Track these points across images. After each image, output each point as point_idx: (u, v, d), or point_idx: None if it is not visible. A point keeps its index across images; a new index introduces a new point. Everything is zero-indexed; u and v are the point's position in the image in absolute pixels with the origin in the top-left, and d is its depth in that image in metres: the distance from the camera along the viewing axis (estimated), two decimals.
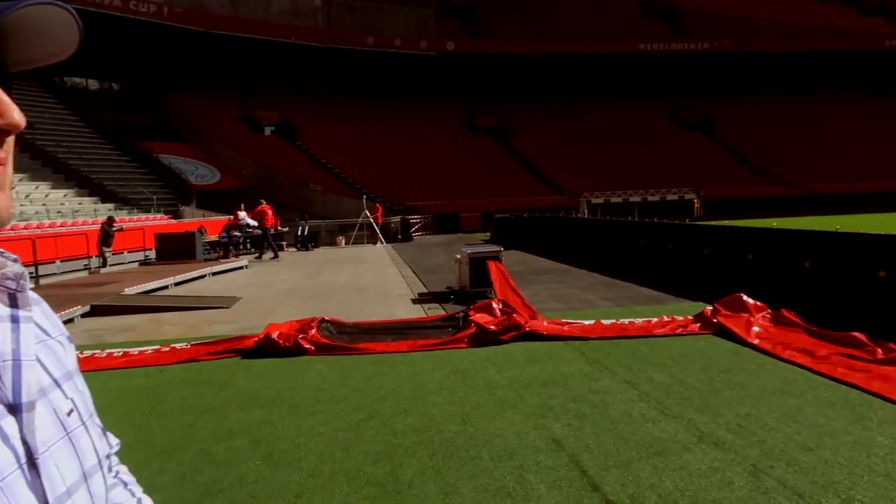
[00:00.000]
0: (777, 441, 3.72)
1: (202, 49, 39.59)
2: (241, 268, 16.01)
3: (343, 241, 25.13)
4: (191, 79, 39.79)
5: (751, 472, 3.32)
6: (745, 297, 6.81)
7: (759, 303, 6.82)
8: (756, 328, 6.26)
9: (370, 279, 13.19)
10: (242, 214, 19.96)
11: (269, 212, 19.12)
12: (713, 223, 11.09)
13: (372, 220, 25.64)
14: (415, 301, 9.75)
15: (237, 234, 19.79)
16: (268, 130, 40.26)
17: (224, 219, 22.75)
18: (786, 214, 28.53)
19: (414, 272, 13.89)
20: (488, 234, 26.48)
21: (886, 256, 6.65)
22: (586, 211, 29.19)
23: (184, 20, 37.83)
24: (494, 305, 7.14)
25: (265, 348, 6.30)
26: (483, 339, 6.41)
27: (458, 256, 9.88)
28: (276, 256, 18.66)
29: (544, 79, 46.86)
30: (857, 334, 5.59)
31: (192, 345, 6.71)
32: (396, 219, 27.77)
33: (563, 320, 7.15)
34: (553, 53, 45.50)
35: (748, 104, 46.20)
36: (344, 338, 6.81)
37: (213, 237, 20.29)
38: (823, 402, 4.37)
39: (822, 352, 5.47)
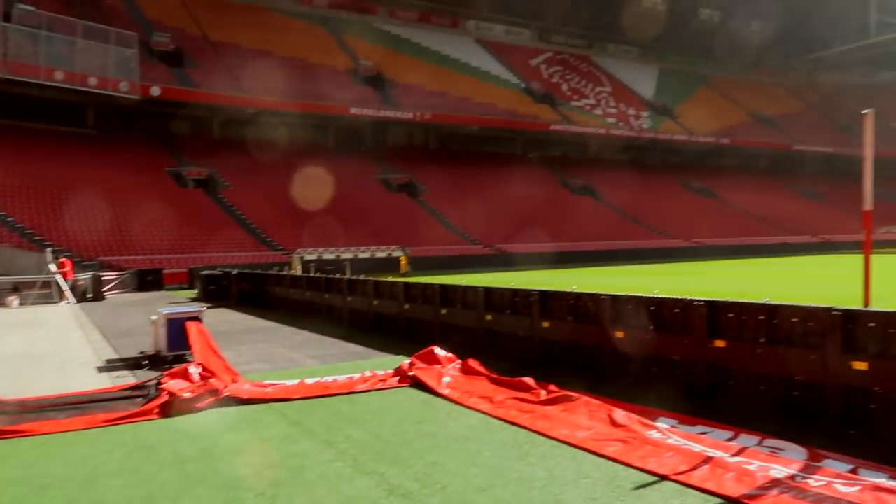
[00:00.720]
0: (457, 486, 4.04)
1: None
2: None
3: (15, 302, 21.53)
4: None
5: None
6: (436, 350, 7.36)
7: (450, 354, 7.42)
8: (447, 378, 6.78)
9: (48, 346, 11.47)
10: None
11: None
12: (414, 280, 11.89)
13: (57, 278, 22.48)
14: (101, 369, 8.70)
15: None
16: None
17: None
18: (480, 270, 31.77)
19: (104, 336, 12.44)
20: (196, 291, 24.93)
21: (549, 311, 7.76)
22: (299, 267, 29.13)
23: None
24: (192, 370, 6.71)
25: None
26: (177, 408, 5.95)
27: (155, 318, 9.12)
28: None
29: (257, 133, 46.28)
30: (526, 379, 6.37)
31: None
32: (87, 275, 24.68)
33: (267, 382, 6.98)
34: (266, 109, 45.30)
35: (445, 170, 51.02)
36: (2, 419, 5.78)
37: None
38: (498, 444, 4.87)
39: (500, 397, 6.11)
